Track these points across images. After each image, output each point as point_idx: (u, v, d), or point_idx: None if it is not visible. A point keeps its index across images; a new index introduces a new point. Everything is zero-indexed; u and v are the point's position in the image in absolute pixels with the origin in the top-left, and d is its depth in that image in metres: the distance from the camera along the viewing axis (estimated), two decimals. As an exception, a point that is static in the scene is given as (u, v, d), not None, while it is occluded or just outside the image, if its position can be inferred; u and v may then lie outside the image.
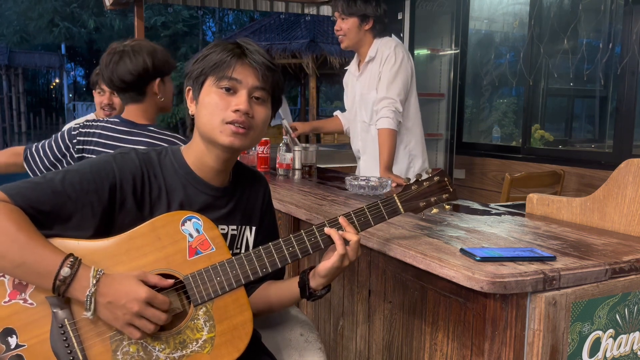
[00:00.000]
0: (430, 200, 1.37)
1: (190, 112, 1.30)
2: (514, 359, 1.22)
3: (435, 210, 1.40)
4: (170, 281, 1.15)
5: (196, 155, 1.29)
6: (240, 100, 1.22)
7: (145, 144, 1.87)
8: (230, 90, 1.22)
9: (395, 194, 1.35)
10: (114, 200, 1.19)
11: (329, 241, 1.26)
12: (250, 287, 1.39)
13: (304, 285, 1.31)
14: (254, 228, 1.39)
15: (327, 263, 1.25)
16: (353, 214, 1.30)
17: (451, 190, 1.39)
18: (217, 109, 1.22)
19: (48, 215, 1.13)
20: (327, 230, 1.25)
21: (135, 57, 1.85)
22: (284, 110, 9.19)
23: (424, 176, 1.39)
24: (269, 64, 1.25)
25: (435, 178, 1.38)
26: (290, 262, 1.24)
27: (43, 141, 2.02)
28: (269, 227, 1.44)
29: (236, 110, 1.21)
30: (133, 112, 1.93)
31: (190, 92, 1.29)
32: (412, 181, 1.39)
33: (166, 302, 1.12)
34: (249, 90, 1.23)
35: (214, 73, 1.23)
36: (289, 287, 1.35)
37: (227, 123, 1.21)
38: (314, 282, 1.29)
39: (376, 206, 1.32)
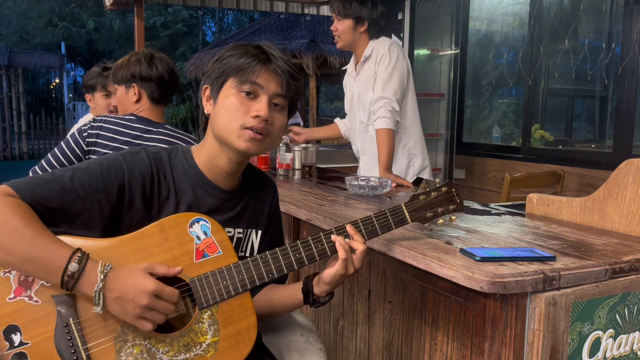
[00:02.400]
0: (438, 211, 1.37)
1: (205, 112, 1.29)
2: (514, 359, 1.22)
3: (441, 221, 1.40)
4: (178, 268, 1.15)
5: (208, 156, 1.28)
6: (261, 106, 1.21)
7: (163, 142, 1.90)
8: (251, 95, 1.21)
9: (403, 204, 1.35)
10: (122, 200, 1.19)
11: (336, 249, 1.25)
12: (252, 291, 1.39)
13: (307, 291, 1.30)
14: (259, 232, 1.39)
15: (332, 270, 1.24)
16: (360, 222, 1.29)
17: (458, 201, 1.40)
18: (236, 113, 1.21)
19: (55, 213, 1.12)
20: (333, 237, 1.25)
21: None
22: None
23: (429, 183, 1.40)
24: (293, 72, 1.25)
25: (443, 189, 1.39)
26: (296, 268, 1.24)
27: (47, 155, 2.02)
28: (275, 231, 1.44)
29: (256, 116, 1.20)
30: (155, 110, 2.04)
31: (208, 91, 1.28)
32: (419, 191, 1.39)
33: (174, 294, 1.12)
34: (269, 97, 1.22)
35: (236, 75, 1.22)
36: (292, 292, 1.34)
37: (245, 128, 1.20)
38: (318, 288, 1.29)
39: (384, 215, 1.32)
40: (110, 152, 1.88)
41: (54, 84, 24.00)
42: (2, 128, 15.10)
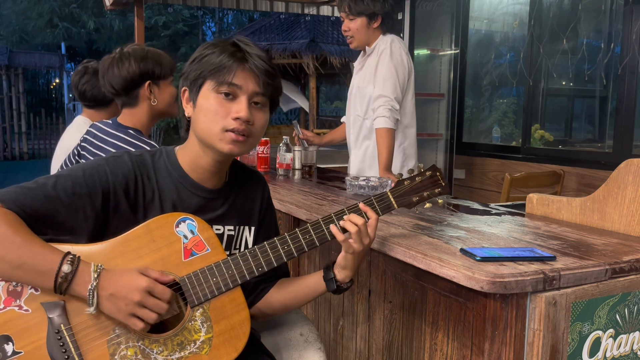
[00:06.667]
0: (423, 195, 1.38)
1: (186, 114, 1.28)
2: (514, 359, 1.22)
3: (428, 205, 1.41)
4: (171, 277, 1.15)
5: (191, 157, 1.28)
6: (240, 107, 1.19)
7: (118, 147, 1.85)
8: (230, 96, 1.20)
9: (388, 190, 1.37)
10: (107, 204, 1.18)
11: (324, 238, 1.27)
12: (260, 290, 1.40)
13: (331, 280, 1.33)
14: (253, 228, 1.39)
15: (341, 254, 1.29)
16: (347, 210, 1.30)
17: (443, 184, 1.40)
18: (216, 116, 1.20)
19: (41, 220, 1.12)
20: (332, 227, 1.27)
21: (122, 63, 1.85)
22: (301, 99, 9.07)
23: (416, 171, 1.40)
24: (270, 70, 1.23)
25: (428, 173, 1.40)
26: (286, 260, 1.25)
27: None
28: (270, 226, 1.44)
29: (236, 118, 1.19)
30: (125, 115, 1.94)
31: (187, 93, 1.27)
32: (404, 177, 1.40)
33: (166, 292, 1.13)
34: (249, 96, 1.21)
35: (213, 77, 1.20)
36: (311, 283, 1.36)
37: (227, 131, 1.20)
38: (341, 275, 1.32)
39: (370, 203, 1.33)
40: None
41: (54, 84, 23.99)
42: (2, 128, 15.10)
